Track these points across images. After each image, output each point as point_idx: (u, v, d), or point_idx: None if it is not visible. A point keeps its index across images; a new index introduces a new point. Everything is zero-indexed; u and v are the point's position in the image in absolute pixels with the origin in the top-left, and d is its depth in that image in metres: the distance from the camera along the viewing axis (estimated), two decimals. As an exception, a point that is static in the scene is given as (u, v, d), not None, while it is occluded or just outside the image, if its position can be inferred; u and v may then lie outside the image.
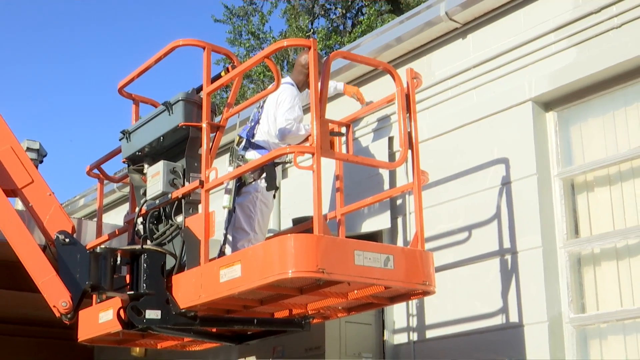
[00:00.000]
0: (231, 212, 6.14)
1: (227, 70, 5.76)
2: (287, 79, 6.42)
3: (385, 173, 6.64)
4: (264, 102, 6.33)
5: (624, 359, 5.26)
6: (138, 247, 5.35)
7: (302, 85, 6.41)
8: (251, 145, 6.31)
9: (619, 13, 5.40)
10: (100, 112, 47.32)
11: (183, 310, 5.21)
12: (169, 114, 5.60)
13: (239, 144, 6.40)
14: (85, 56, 44.74)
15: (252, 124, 6.42)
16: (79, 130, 46.89)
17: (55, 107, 45.81)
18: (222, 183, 5.57)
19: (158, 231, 5.67)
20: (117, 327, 5.47)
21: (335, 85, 6.86)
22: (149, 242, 5.59)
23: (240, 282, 4.75)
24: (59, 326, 5.76)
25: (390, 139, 6.74)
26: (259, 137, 6.30)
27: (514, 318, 5.62)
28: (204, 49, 5.56)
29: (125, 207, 8.16)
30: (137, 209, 5.85)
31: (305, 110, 6.25)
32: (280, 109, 6.18)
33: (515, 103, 5.90)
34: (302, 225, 6.29)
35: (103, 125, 45.97)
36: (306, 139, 6.17)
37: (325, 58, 5.13)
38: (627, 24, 5.36)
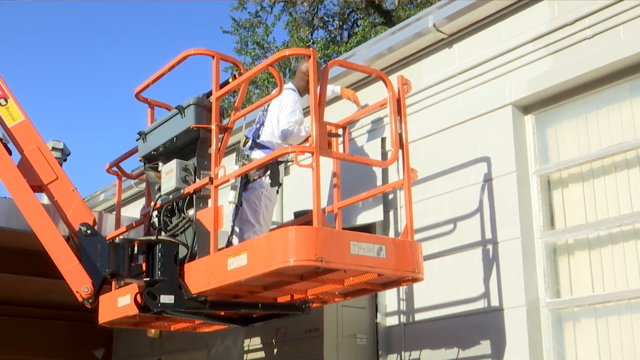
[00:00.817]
0: (238, 206, 6.14)
1: (235, 77, 5.75)
2: (289, 84, 6.42)
3: (378, 171, 6.64)
4: (268, 106, 6.33)
5: (595, 339, 5.27)
6: (153, 238, 5.37)
7: (302, 90, 6.41)
8: (256, 145, 6.31)
9: (592, 25, 5.40)
10: (119, 114, 47.36)
11: (194, 295, 5.22)
12: (182, 117, 5.60)
13: (245, 144, 6.41)
14: (105, 63, 44.86)
15: (258, 125, 6.42)
16: (99, 130, 46.96)
17: (78, 110, 45.92)
18: (229, 179, 5.58)
19: (171, 223, 5.67)
20: (134, 311, 5.48)
21: (333, 88, 6.86)
22: (163, 233, 5.59)
23: (246, 270, 4.76)
24: (82, 310, 5.76)
25: (383, 140, 6.74)
26: (263, 138, 6.31)
27: (495, 302, 5.62)
28: (213, 57, 5.56)
29: (142, 201, 8.15)
30: (152, 203, 5.85)
31: (306, 113, 6.27)
32: (282, 113, 6.18)
33: (497, 107, 5.90)
34: (302, 218, 6.29)
35: (121, 126, 46.04)
36: (306, 140, 6.17)
37: (323, 66, 5.12)
38: (598, 34, 5.36)
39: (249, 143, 6.39)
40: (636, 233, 5.18)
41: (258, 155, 6.16)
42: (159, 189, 5.79)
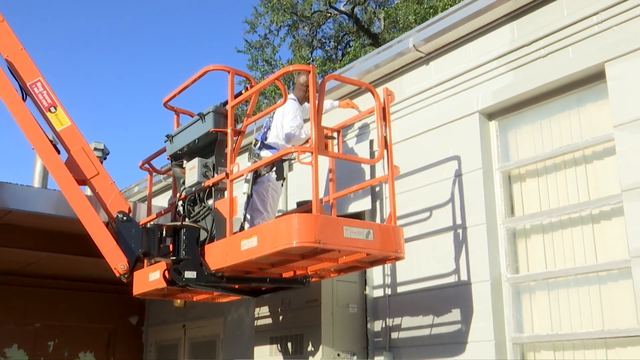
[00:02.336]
0: (249, 197, 6.13)
1: (247, 89, 5.74)
2: (290, 95, 6.41)
3: (366, 167, 6.63)
4: (274, 113, 6.32)
5: (547, 308, 5.28)
6: (179, 223, 5.36)
7: (302, 99, 6.40)
8: (264, 146, 6.29)
9: (545, 45, 5.40)
10: (149, 119, 47.34)
11: (213, 271, 5.22)
12: (202, 122, 5.59)
13: (255, 145, 6.39)
14: (138, 74, 44.91)
15: (265, 129, 6.40)
16: (133, 133, 46.92)
17: (115, 115, 45.93)
18: (242, 175, 5.57)
19: (194, 211, 5.66)
20: (163, 284, 5.47)
21: (332, 102, 6.84)
22: (187, 219, 5.59)
23: (256, 250, 4.76)
24: (119, 284, 5.76)
25: (371, 142, 6.73)
26: (270, 140, 6.29)
27: (464, 277, 5.63)
28: (229, 72, 5.55)
29: (169, 193, 8.14)
30: (178, 195, 5.85)
31: (306, 120, 6.26)
32: (286, 119, 6.17)
33: (466, 114, 5.89)
34: (303, 207, 6.29)
35: (151, 129, 46.06)
36: (306, 141, 6.16)
37: (321, 80, 5.11)
38: (551, 54, 5.36)
39: (258, 144, 6.38)
40: (582, 220, 5.19)
41: (266, 154, 6.15)
42: (184, 183, 5.79)
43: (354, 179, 6.49)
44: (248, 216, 6.16)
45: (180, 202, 5.78)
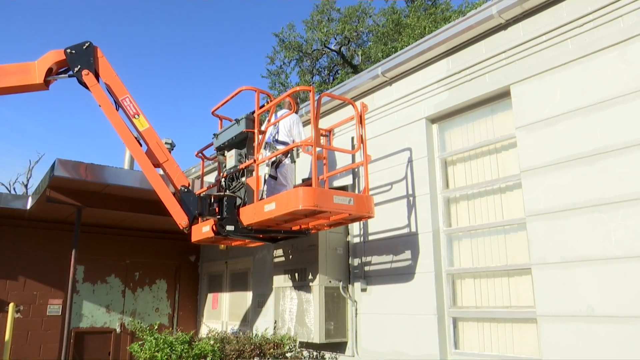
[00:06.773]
0: (272, 177, 6.11)
1: (267, 102, 5.73)
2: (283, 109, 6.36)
3: (349, 156, 6.64)
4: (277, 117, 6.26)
5: (470, 250, 5.32)
6: (222, 194, 5.37)
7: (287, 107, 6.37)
8: (278, 142, 6.26)
9: (470, 73, 5.37)
10: (202, 122, 47.09)
11: (245, 226, 5.24)
12: (238, 125, 5.58)
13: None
14: (195, 89, 44.57)
15: (275, 131, 6.33)
16: (190, 131, 46.70)
17: (178, 119, 45.66)
18: (265, 161, 5.56)
19: (232, 185, 5.67)
20: (211, 235, 5.50)
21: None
22: (227, 191, 5.60)
23: (274, 211, 4.78)
24: (182, 234, 5.78)
25: (352, 138, 6.72)
26: (281, 138, 6.24)
27: (414, 229, 5.66)
28: (255, 91, 5.52)
29: (215, 173, 8.15)
30: (221, 174, 5.85)
31: (306, 122, 6.23)
32: (295, 130, 6.10)
33: (417, 119, 5.88)
34: (306, 182, 6.30)
35: (201, 129, 45.82)
36: (307, 138, 6.12)
37: (318, 96, 5.09)
38: (474, 79, 5.34)
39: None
40: (493, 191, 5.21)
41: (280, 148, 6.12)
42: (225, 166, 5.78)
43: (340, 163, 6.49)
44: (273, 188, 6.14)
45: (223, 179, 5.79)
